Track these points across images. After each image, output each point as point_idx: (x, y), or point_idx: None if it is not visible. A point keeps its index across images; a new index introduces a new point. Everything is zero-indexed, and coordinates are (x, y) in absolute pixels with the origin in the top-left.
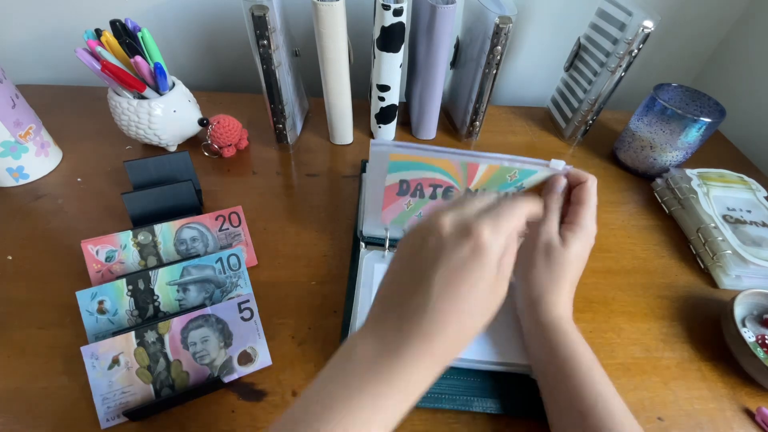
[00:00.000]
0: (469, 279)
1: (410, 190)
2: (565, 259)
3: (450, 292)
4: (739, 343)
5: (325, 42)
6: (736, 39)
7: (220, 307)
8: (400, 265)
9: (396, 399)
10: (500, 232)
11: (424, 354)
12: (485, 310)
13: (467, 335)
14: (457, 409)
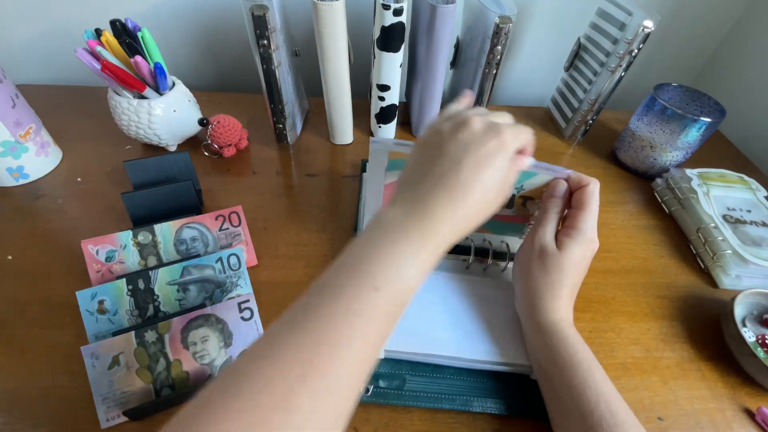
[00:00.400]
0: (493, 164)
1: None
2: (561, 265)
3: (477, 171)
4: (739, 343)
5: (325, 42)
6: (736, 39)
7: (220, 306)
8: (427, 151)
9: (421, 259)
10: (518, 139)
11: (449, 218)
12: (499, 194)
13: (484, 210)
14: (457, 409)
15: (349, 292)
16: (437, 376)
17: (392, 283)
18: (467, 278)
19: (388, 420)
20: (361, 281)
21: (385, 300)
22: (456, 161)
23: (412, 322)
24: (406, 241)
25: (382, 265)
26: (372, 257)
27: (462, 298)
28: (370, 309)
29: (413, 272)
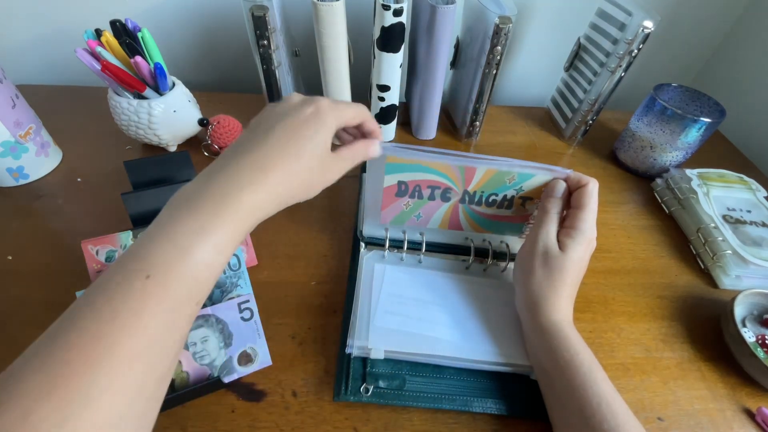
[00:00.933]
0: (306, 132)
1: (408, 191)
2: (564, 265)
3: (288, 139)
4: (739, 343)
5: (325, 42)
6: (736, 39)
7: (220, 307)
8: (247, 130)
9: (217, 236)
10: (338, 109)
11: (255, 188)
12: (318, 169)
13: (297, 183)
14: (458, 409)
15: (113, 282)
16: (437, 376)
17: (174, 267)
18: (467, 278)
19: (387, 420)
20: (130, 267)
21: (162, 288)
22: (267, 129)
23: (412, 323)
24: (195, 215)
25: (160, 247)
26: (151, 237)
27: (462, 299)
28: (139, 300)
29: (206, 253)
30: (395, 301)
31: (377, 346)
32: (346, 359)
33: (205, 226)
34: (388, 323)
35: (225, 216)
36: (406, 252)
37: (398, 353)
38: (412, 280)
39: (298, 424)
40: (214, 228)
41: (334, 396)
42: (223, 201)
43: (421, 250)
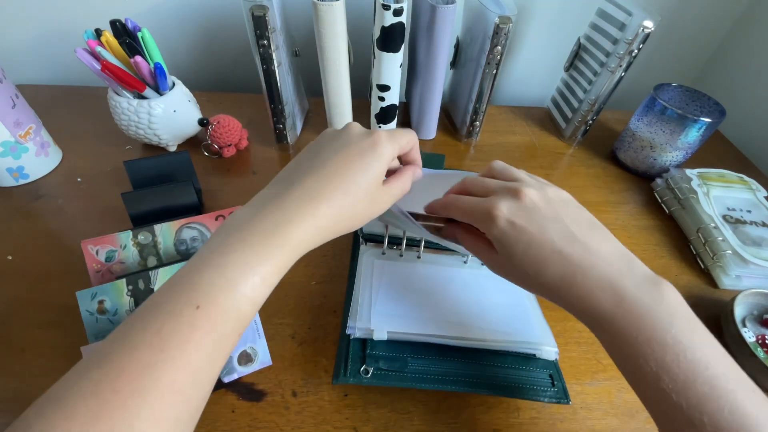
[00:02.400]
0: (361, 164)
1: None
2: (546, 216)
3: (343, 169)
4: (739, 343)
5: (325, 42)
6: (736, 39)
7: None
8: (306, 153)
9: (264, 269)
10: (394, 140)
11: (305, 221)
12: (366, 202)
13: (348, 216)
14: (463, 390)
15: (163, 312)
16: (440, 358)
17: (221, 299)
18: (466, 271)
19: (388, 420)
20: (180, 298)
21: (209, 320)
22: (325, 159)
23: (414, 307)
24: (244, 246)
25: (209, 277)
26: (200, 266)
27: (462, 287)
28: (188, 332)
29: (252, 286)
30: (396, 289)
31: (380, 328)
32: (345, 342)
33: (252, 259)
34: (389, 308)
35: (273, 250)
36: (405, 249)
37: (402, 333)
38: (412, 273)
39: (298, 424)
40: (262, 261)
41: (333, 379)
42: (274, 233)
43: (420, 247)
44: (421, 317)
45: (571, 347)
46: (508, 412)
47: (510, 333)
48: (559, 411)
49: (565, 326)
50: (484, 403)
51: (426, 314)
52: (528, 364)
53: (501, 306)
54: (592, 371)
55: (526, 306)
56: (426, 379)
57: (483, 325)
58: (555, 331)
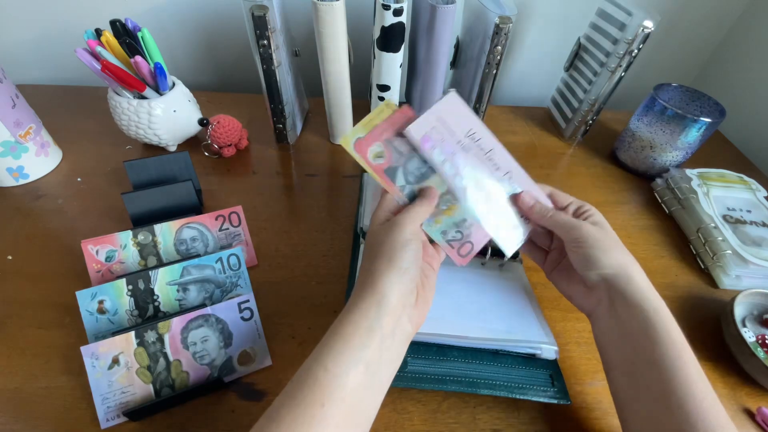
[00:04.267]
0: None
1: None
2: (613, 235)
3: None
4: (739, 343)
5: (325, 42)
6: (736, 39)
7: (220, 307)
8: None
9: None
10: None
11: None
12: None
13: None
14: (464, 391)
15: (287, 416)
16: (441, 358)
17: (335, 393)
18: (465, 269)
19: (388, 420)
20: (305, 401)
21: (331, 414)
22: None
23: None
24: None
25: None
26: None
27: (462, 286)
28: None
29: (358, 375)
30: None
31: None
32: None
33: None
34: None
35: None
36: None
37: None
38: None
39: None
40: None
41: None
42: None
43: None
44: None
45: (571, 347)
46: (508, 412)
47: (510, 333)
48: (559, 411)
49: (565, 326)
50: (484, 403)
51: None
52: (528, 364)
53: (501, 306)
54: (592, 371)
55: (526, 306)
56: (426, 379)
57: (483, 324)
58: (555, 331)
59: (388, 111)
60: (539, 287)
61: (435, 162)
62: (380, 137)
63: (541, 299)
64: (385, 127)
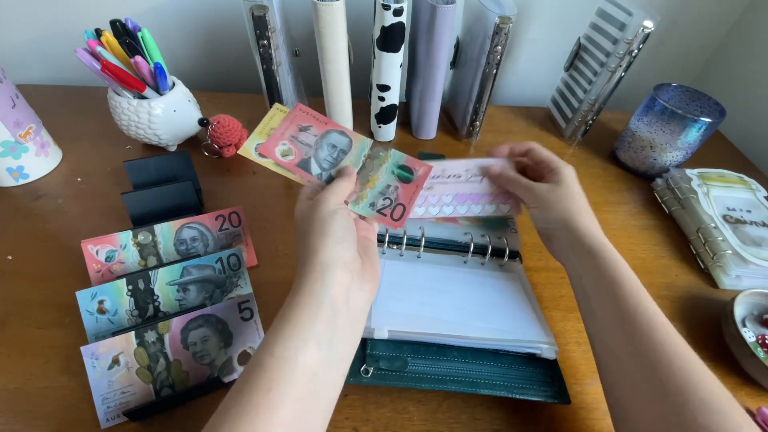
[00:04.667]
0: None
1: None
2: (569, 190)
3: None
4: (739, 343)
5: (325, 42)
6: (736, 39)
7: (220, 307)
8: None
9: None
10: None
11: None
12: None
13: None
14: (464, 391)
15: (233, 407)
16: (441, 358)
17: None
18: (465, 269)
19: (388, 420)
20: (250, 389)
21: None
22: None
23: (414, 306)
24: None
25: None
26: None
27: (462, 285)
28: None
29: (309, 354)
30: (396, 288)
31: (380, 326)
32: None
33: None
34: (390, 307)
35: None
36: (406, 248)
37: (402, 332)
38: (412, 272)
39: None
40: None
41: None
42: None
43: (420, 246)
44: (421, 316)
45: (571, 347)
46: (508, 412)
47: (510, 332)
48: (559, 411)
49: (565, 326)
50: (484, 403)
51: (426, 313)
52: (528, 363)
53: (501, 305)
54: (592, 371)
55: (526, 306)
56: (426, 379)
57: (483, 324)
58: (555, 331)
59: (281, 114)
60: (539, 287)
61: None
62: (283, 136)
63: (541, 299)
64: (285, 126)
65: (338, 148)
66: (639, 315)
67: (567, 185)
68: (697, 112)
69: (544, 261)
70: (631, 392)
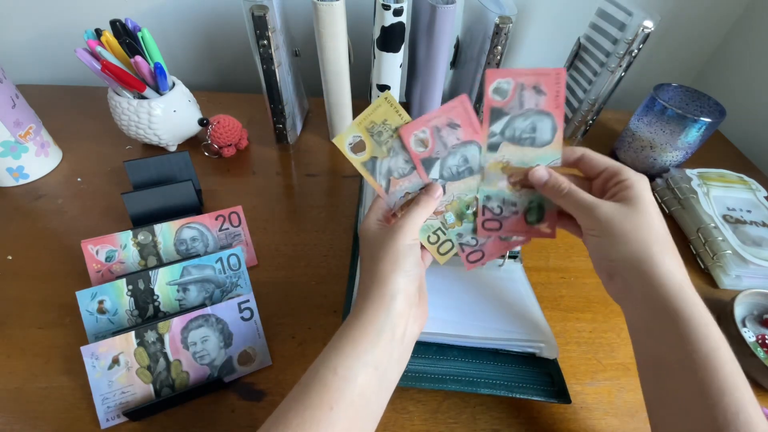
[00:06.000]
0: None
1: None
2: (647, 216)
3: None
4: (739, 343)
5: (325, 42)
6: (736, 39)
7: (220, 307)
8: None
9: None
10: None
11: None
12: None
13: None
14: (464, 390)
15: (294, 419)
16: (440, 357)
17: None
18: (466, 270)
19: (388, 420)
20: (312, 404)
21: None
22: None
23: None
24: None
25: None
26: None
27: (461, 285)
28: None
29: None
30: None
31: None
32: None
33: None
34: None
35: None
36: None
37: None
38: None
39: None
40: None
41: None
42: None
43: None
44: None
45: (571, 347)
46: (508, 412)
47: (510, 332)
48: (559, 411)
49: (565, 326)
50: (484, 403)
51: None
52: (528, 363)
53: (501, 306)
54: (592, 371)
55: (526, 305)
56: (426, 378)
57: (483, 324)
58: (555, 331)
59: (387, 106)
60: (539, 287)
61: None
62: (429, 123)
63: (541, 299)
64: (437, 114)
65: (469, 164)
66: (731, 410)
67: (644, 208)
68: (697, 112)
69: (544, 261)
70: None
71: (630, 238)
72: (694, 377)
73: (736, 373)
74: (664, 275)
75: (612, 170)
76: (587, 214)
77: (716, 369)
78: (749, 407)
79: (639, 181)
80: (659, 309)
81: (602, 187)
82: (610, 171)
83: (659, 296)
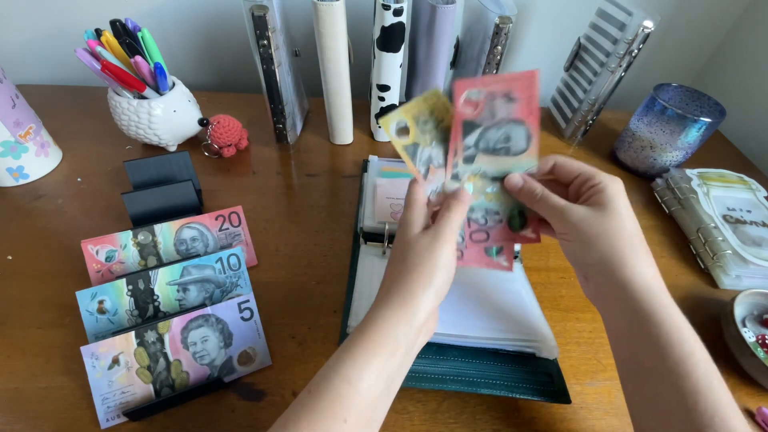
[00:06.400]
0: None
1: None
2: (620, 218)
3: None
4: (739, 343)
5: (325, 42)
6: (736, 39)
7: (220, 307)
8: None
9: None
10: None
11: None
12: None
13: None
14: (465, 390)
15: (307, 428)
16: (440, 357)
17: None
18: (466, 269)
19: (388, 420)
20: (324, 414)
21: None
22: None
23: None
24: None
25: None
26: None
27: (460, 284)
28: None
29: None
30: None
31: None
32: (342, 340)
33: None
34: None
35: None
36: None
37: None
38: None
39: None
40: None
41: None
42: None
43: None
44: None
45: (571, 347)
46: (508, 412)
47: (510, 332)
48: (559, 411)
49: (565, 326)
50: (484, 403)
51: None
52: (528, 363)
53: (501, 305)
54: (592, 371)
55: (526, 306)
56: (426, 378)
57: (483, 324)
58: (555, 331)
59: (434, 99)
60: (539, 287)
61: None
62: (487, 86)
63: (541, 299)
64: (498, 81)
65: (509, 144)
66: (708, 410)
67: (615, 211)
68: (697, 112)
69: (544, 261)
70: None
71: (600, 241)
72: (669, 381)
73: (710, 375)
74: (635, 278)
75: (585, 175)
76: (559, 217)
77: (689, 373)
78: (725, 409)
79: (611, 185)
80: (631, 312)
81: (577, 192)
82: (584, 175)
83: (631, 299)
